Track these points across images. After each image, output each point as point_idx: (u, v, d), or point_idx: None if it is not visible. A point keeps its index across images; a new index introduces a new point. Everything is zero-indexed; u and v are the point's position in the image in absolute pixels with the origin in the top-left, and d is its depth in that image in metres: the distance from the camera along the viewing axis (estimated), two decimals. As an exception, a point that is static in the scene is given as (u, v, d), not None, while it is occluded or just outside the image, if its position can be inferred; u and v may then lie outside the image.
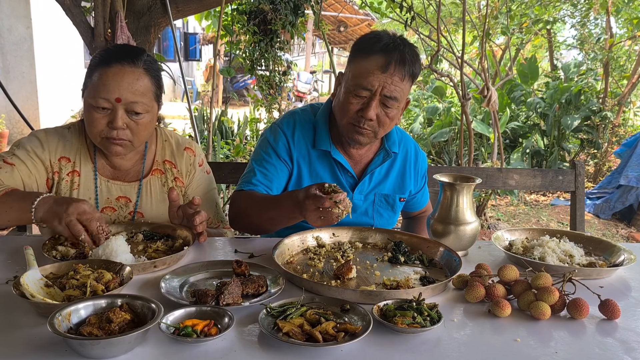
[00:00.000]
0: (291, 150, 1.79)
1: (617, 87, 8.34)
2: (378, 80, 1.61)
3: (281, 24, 5.44)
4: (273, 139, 1.81)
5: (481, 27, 5.28)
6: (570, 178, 2.43)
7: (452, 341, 1.04)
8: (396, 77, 1.61)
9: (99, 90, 1.50)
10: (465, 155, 5.04)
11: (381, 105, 1.64)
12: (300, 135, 1.80)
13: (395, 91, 1.62)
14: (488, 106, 4.39)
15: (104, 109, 1.52)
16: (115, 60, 1.52)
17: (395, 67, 1.60)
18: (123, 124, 1.52)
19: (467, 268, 1.34)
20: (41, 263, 1.21)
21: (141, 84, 1.54)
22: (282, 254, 1.46)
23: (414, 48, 1.67)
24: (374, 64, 1.61)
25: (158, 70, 1.64)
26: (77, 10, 3.02)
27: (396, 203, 1.91)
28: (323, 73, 21.24)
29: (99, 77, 1.51)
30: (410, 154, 1.93)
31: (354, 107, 1.66)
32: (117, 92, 1.50)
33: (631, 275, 1.45)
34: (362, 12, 13.16)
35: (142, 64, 1.56)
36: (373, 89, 1.62)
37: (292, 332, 0.98)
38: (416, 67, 1.65)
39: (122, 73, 1.51)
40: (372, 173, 1.84)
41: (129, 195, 1.71)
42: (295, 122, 1.82)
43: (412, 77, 1.66)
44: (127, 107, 1.52)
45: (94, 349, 0.92)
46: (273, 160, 1.77)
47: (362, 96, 1.64)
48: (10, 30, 7.73)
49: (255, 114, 6.81)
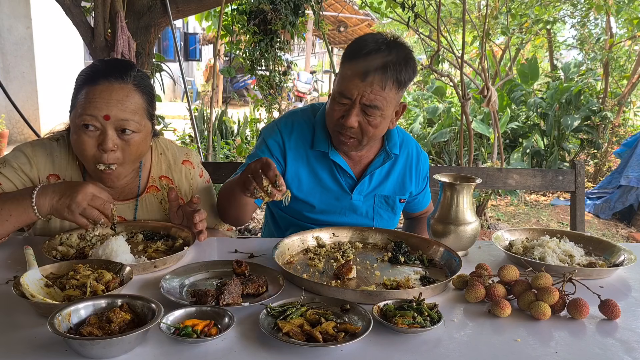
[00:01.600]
0: (285, 151, 1.78)
1: (617, 87, 8.34)
2: (357, 89, 1.57)
3: (281, 24, 5.44)
4: (268, 137, 1.80)
5: (481, 27, 5.28)
6: (570, 178, 2.43)
7: (452, 341, 1.04)
8: (376, 86, 1.56)
9: (85, 108, 1.42)
10: (465, 155, 5.04)
11: (362, 113, 1.61)
12: (297, 136, 1.79)
13: (376, 100, 1.57)
14: (488, 106, 4.39)
15: (93, 130, 1.43)
16: (103, 76, 1.45)
17: (374, 75, 1.55)
18: (113, 145, 1.44)
19: (467, 268, 1.34)
20: (41, 263, 1.21)
21: (131, 101, 1.46)
22: (282, 254, 1.46)
23: (405, 52, 1.60)
24: (354, 72, 1.58)
25: (150, 86, 1.56)
26: (77, 10, 3.02)
27: (396, 204, 1.90)
28: (323, 73, 21.23)
29: (86, 95, 1.43)
30: (411, 156, 1.92)
31: (337, 114, 1.64)
32: (105, 110, 1.41)
33: (631, 275, 1.45)
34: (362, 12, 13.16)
35: (132, 80, 1.48)
36: (352, 97, 1.59)
37: (292, 332, 0.98)
38: (403, 73, 1.58)
39: (110, 90, 1.43)
40: (372, 174, 1.83)
41: (124, 214, 1.64)
42: (294, 123, 1.81)
43: (399, 84, 1.59)
44: (116, 125, 1.44)
45: (94, 349, 0.92)
46: (264, 155, 1.73)
47: (343, 103, 1.61)
48: (10, 30, 7.73)
49: (255, 114, 6.82)
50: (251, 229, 4.89)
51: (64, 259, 1.36)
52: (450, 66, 7.84)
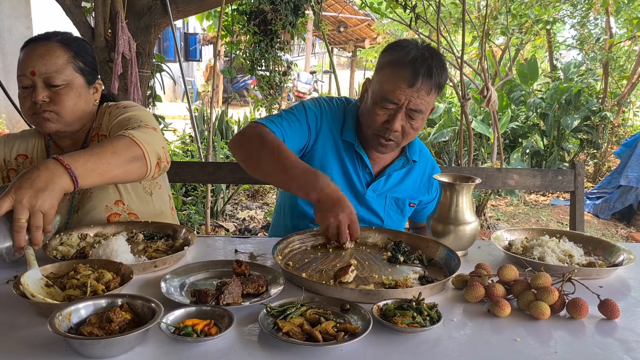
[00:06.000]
0: (320, 126, 1.81)
1: (616, 87, 8.34)
2: (405, 95, 1.61)
3: (281, 24, 5.44)
4: (310, 106, 1.82)
5: (481, 27, 5.28)
6: (570, 178, 2.43)
7: (452, 341, 1.05)
8: (423, 92, 1.62)
9: (18, 70, 1.55)
10: (465, 156, 5.04)
11: (406, 117, 1.66)
12: (332, 119, 1.83)
13: (421, 104, 1.63)
14: (488, 106, 4.40)
15: (27, 88, 1.55)
16: (31, 42, 1.58)
17: (422, 81, 1.60)
18: (44, 97, 1.54)
19: (466, 268, 1.34)
20: (41, 263, 1.21)
21: (54, 55, 1.55)
22: (282, 254, 1.46)
23: (442, 58, 1.67)
24: (401, 78, 1.61)
25: (81, 42, 1.65)
26: (78, 10, 3.02)
27: (406, 207, 1.93)
28: (323, 73, 21.25)
29: (18, 61, 1.56)
30: (427, 165, 1.96)
31: (380, 119, 1.67)
32: (30, 67, 1.53)
33: (630, 275, 1.45)
34: (362, 12, 13.17)
35: (57, 38, 1.58)
36: (400, 103, 1.62)
37: (292, 332, 0.99)
38: (443, 78, 1.65)
39: (34, 48, 1.55)
40: (390, 175, 1.86)
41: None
42: (331, 106, 1.85)
43: (439, 89, 1.66)
44: (44, 79, 1.54)
45: (94, 348, 0.92)
46: (301, 120, 1.77)
47: (388, 108, 1.65)
48: (10, 31, 7.73)
49: (255, 114, 6.82)
50: (251, 229, 4.89)
51: (64, 258, 1.36)
52: (450, 66, 7.84)
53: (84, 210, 1.69)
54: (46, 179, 1.17)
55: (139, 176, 1.44)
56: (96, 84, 1.71)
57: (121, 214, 1.70)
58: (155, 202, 1.80)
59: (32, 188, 1.14)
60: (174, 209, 1.93)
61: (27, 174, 1.17)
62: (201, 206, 4.83)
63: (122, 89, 3.13)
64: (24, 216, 1.13)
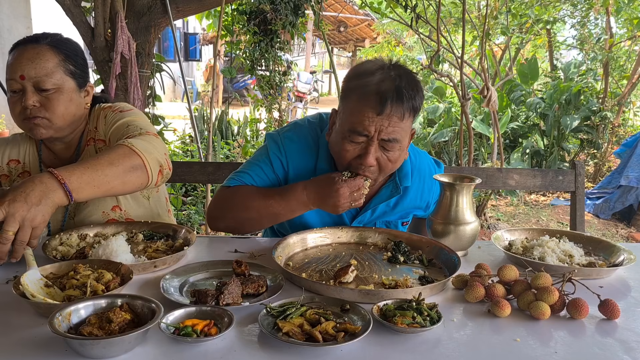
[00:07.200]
0: (288, 171, 1.66)
1: (617, 87, 8.34)
2: (374, 125, 1.43)
3: (281, 24, 5.44)
4: (272, 151, 1.66)
5: (481, 27, 5.28)
6: (570, 178, 2.43)
7: (452, 341, 1.05)
8: (394, 118, 1.43)
9: (7, 74, 1.51)
10: (465, 156, 5.04)
11: (381, 148, 1.48)
12: (301, 156, 1.66)
13: (395, 132, 1.45)
14: (488, 106, 4.39)
15: (17, 92, 1.51)
16: (19, 45, 1.54)
17: (392, 107, 1.41)
18: (34, 102, 1.51)
19: (466, 268, 1.34)
20: (41, 263, 1.21)
21: (44, 59, 1.51)
22: (282, 254, 1.46)
23: (413, 77, 1.49)
24: (368, 107, 1.42)
25: (71, 45, 1.61)
26: (77, 10, 3.02)
27: (398, 227, 1.80)
28: (323, 73, 21.26)
29: (7, 64, 1.53)
30: (424, 175, 1.76)
31: (351, 154, 1.49)
32: (19, 70, 1.49)
33: (631, 275, 1.45)
34: (362, 12, 13.17)
35: (46, 41, 1.54)
36: (370, 134, 1.44)
37: (292, 332, 0.98)
38: (417, 100, 1.46)
39: (23, 51, 1.51)
40: (375, 208, 1.70)
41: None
42: (300, 139, 1.67)
43: (414, 112, 1.47)
44: (34, 83, 1.50)
45: (94, 348, 0.92)
46: (266, 169, 1.65)
47: (358, 142, 1.47)
48: (10, 31, 7.73)
49: (255, 114, 6.82)
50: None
51: (64, 259, 1.36)
52: (450, 66, 7.83)
53: (80, 216, 1.67)
54: (40, 193, 1.18)
55: (139, 186, 1.41)
56: (87, 87, 1.67)
57: (118, 219, 1.69)
58: (152, 206, 1.80)
59: (26, 202, 1.15)
60: (171, 211, 1.92)
61: (21, 187, 1.17)
62: (201, 206, 4.83)
63: (122, 89, 3.13)
64: (13, 229, 1.14)
